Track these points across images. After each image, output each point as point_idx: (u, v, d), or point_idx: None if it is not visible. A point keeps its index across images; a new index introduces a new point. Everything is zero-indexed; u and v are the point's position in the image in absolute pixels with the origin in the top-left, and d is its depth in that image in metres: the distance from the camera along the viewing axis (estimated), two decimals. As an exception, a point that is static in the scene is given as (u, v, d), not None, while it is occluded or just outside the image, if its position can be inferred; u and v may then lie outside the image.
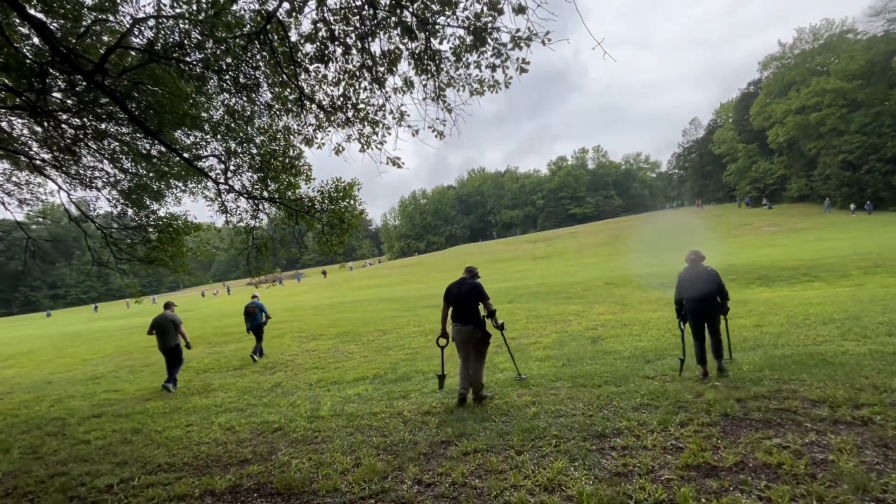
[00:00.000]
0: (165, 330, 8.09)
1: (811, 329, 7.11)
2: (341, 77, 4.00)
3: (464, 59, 3.44)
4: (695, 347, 5.28)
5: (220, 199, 6.21)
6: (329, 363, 8.97)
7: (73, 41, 4.47)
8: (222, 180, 5.90)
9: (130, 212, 6.84)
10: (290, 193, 6.01)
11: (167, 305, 8.35)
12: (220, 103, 5.26)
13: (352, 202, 6.06)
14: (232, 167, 5.91)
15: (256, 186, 6.09)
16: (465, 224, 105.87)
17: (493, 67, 3.39)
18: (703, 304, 5.26)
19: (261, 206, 6.27)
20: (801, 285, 14.03)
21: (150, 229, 6.82)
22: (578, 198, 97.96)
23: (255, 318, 10.59)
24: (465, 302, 5.17)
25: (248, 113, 5.24)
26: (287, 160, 5.66)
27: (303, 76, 4.27)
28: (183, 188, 6.73)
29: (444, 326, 5.43)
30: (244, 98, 4.92)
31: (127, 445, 5.03)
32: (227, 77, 4.73)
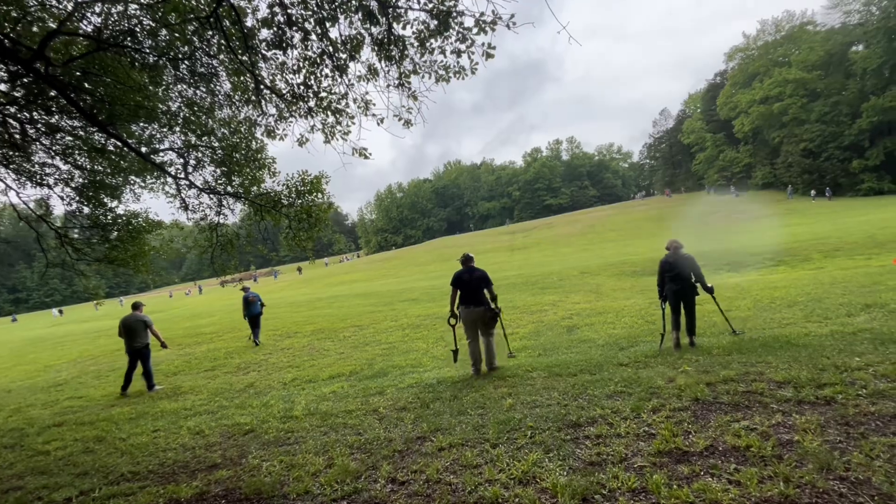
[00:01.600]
0: (133, 330, 7.80)
1: (776, 312, 7.34)
2: (301, 64, 3.83)
3: (428, 45, 3.33)
4: (672, 319, 6.10)
5: (180, 196, 5.93)
6: (304, 361, 8.80)
7: (10, 27, 4.16)
8: (182, 175, 5.63)
9: (86, 210, 6.47)
10: (254, 189, 5.79)
11: (135, 306, 8.05)
12: (177, 94, 5.00)
13: (320, 196, 5.88)
14: (192, 161, 5.65)
15: (220, 182, 5.84)
16: (443, 217, 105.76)
17: (458, 53, 3.30)
18: (680, 286, 6.09)
19: (224, 202, 6.03)
20: (767, 270, 14.52)
21: (108, 228, 6.48)
22: (554, 189, 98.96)
23: (253, 307, 11.27)
24: (475, 287, 5.98)
25: (207, 104, 4.99)
26: (249, 153, 5.44)
27: (261, 64, 4.08)
28: (142, 184, 6.41)
29: (452, 308, 6.13)
30: (202, 88, 4.68)
31: (89, 455, 4.80)
32: (183, 66, 4.49)
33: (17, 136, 6.39)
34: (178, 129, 5.34)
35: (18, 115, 6.24)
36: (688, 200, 59.84)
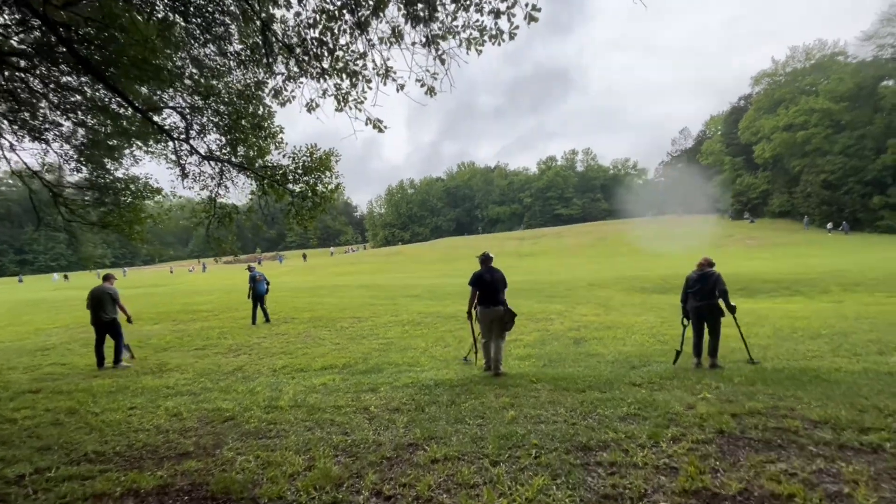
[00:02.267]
0: (101, 302, 7.48)
1: (800, 343, 6.90)
2: (318, 17, 3.48)
3: (462, 1, 2.96)
4: (693, 340, 5.97)
5: (180, 163, 5.60)
6: (297, 349, 8.47)
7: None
8: (184, 138, 5.30)
9: (85, 170, 6.19)
10: (259, 161, 5.45)
11: (106, 278, 7.71)
12: (185, 52, 4.68)
13: (328, 174, 5.54)
14: (196, 126, 5.34)
15: (224, 152, 5.52)
16: (452, 217, 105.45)
17: (497, 14, 2.92)
18: (702, 303, 5.86)
19: (226, 173, 5.71)
20: (783, 298, 14.01)
21: (105, 190, 6.18)
22: (566, 199, 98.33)
23: (259, 286, 11.52)
24: (496, 288, 5.97)
25: (216, 64, 4.67)
26: (256, 119, 5.10)
27: (275, 12, 3.72)
28: (143, 147, 6.10)
29: (470, 308, 6.09)
30: (212, 47, 4.36)
31: (56, 428, 4.48)
32: (195, 22, 4.17)
33: (22, 91, 6.12)
34: (183, 90, 5.02)
35: (25, 67, 5.97)
36: (701, 222, 59.05)
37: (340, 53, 3.67)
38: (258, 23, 3.59)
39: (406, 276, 27.35)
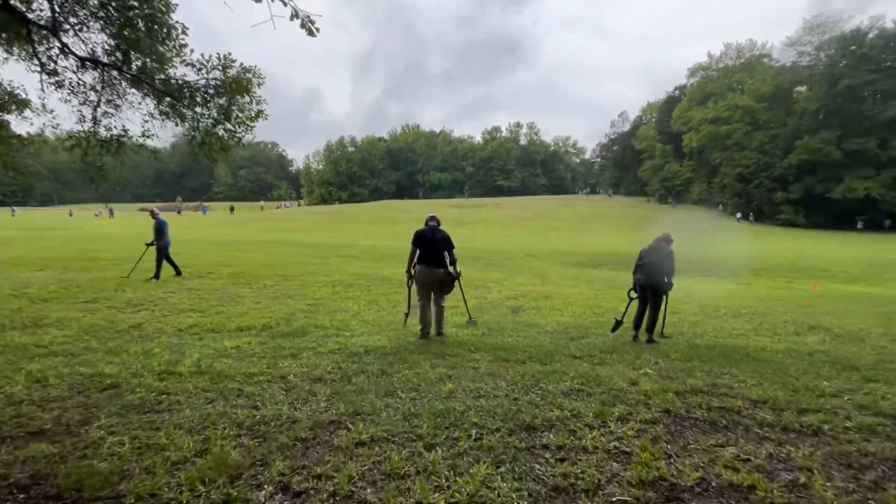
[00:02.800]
0: None
1: (724, 321, 7.18)
2: None
3: None
4: (636, 314, 5.93)
5: (44, 68, 4.34)
6: (211, 306, 7.53)
7: None
8: (51, 33, 4.09)
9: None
10: (159, 75, 4.36)
11: None
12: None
13: (246, 98, 4.61)
14: (72, 19, 4.13)
15: (115, 58, 4.35)
16: (393, 180, 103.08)
17: None
18: (646, 278, 5.87)
19: (115, 86, 4.56)
20: (701, 278, 14.94)
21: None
22: (507, 171, 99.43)
23: (165, 235, 10.11)
24: (437, 248, 5.77)
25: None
26: (150, 11, 4.00)
27: None
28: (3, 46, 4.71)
29: (409, 267, 5.87)
30: None
31: None
32: None
33: None
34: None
35: None
36: (629, 204, 62.50)
37: None
38: None
39: (342, 237, 26.22)
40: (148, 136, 5.21)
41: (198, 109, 4.54)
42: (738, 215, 50.26)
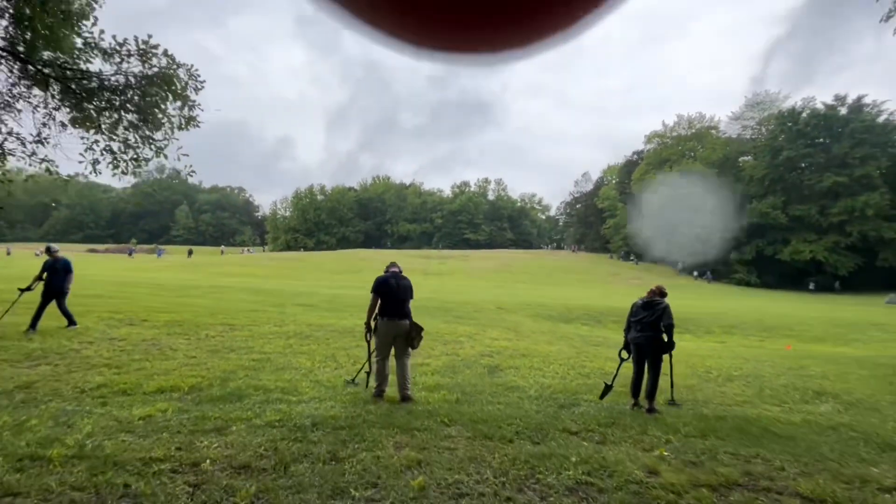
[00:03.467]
0: None
1: (721, 385, 6.57)
2: None
3: None
4: (633, 377, 5.28)
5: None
6: (132, 361, 6.29)
7: None
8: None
9: None
10: (54, 54, 3.48)
11: None
12: None
13: (174, 100, 3.81)
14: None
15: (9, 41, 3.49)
16: (361, 229, 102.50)
17: None
18: (644, 336, 5.23)
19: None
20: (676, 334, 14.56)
21: None
22: (475, 224, 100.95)
23: (56, 277, 8.10)
24: (402, 297, 5.22)
25: None
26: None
27: None
28: None
29: (369, 319, 5.31)
30: None
31: None
32: None
33: None
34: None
35: None
36: (593, 259, 63.93)
37: None
38: None
39: (303, 284, 24.82)
40: (42, 142, 4.26)
41: (114, 115, 3.71)
42: (695, 273, 52.06)
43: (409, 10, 0.30)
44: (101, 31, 3.57)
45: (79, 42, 3.58)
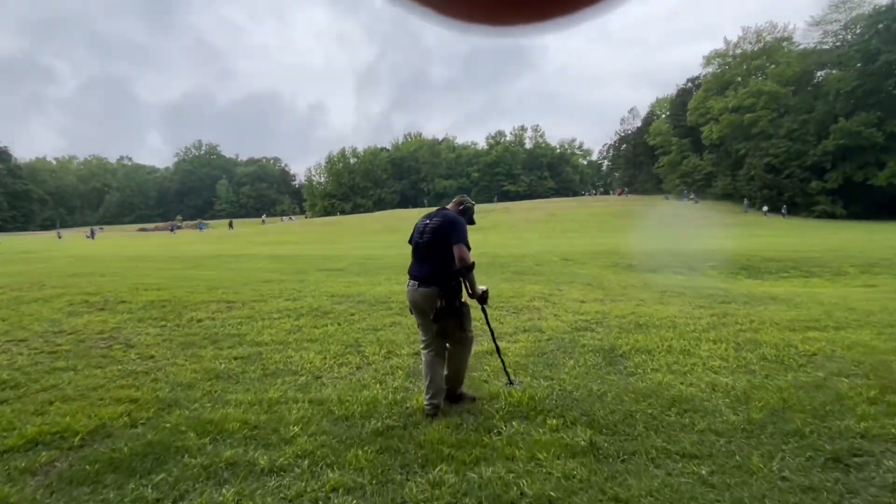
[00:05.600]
0: None
1: None
2: None
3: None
4: None
5: None
6: (48, 372, 4.11)
7: None
8: None
9: None
10: None
11: None
12: None
13: None
14: None
15: None
16: (396, 189, 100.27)
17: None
18: None
19: None
20: (799, 280, 11.35)
21: None
22: (513, 175, 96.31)
23: None
24: (428, 244, 3.10)
25: None
26: None
27: None
28: None
29: None
30: None
31: None
32: None
33: None
34: None
35: None
36: (646, 202, 58.61)
37: None
38: None
39: (336, 248, 22.86)
40: None
41: None
42: (765, 209, 46.05)
43: None
44: None
45: None
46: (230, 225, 62.45)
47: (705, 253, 15.01)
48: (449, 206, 3.47)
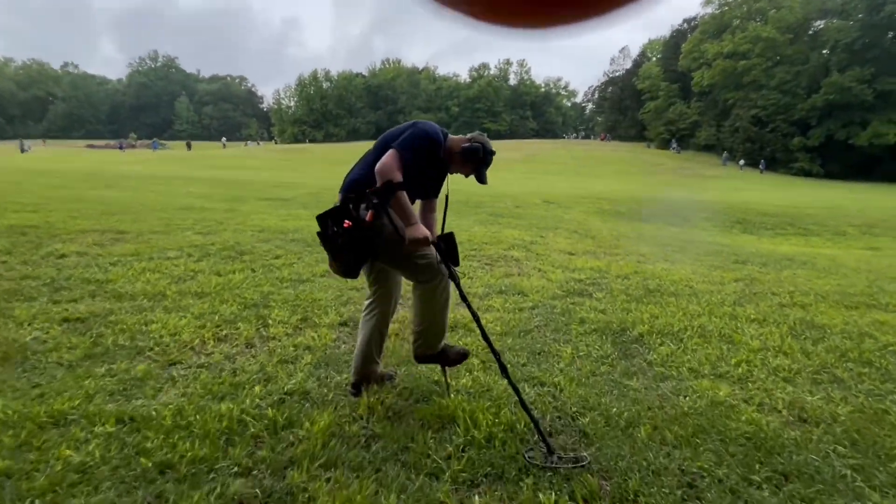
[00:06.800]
0: None
1: None
2: None
3: None
4: None
5: None
6: None
7: None
8: None
9: None
10: None
11: None
12: None
13: None
14: None
15: None
16: (372, 120, 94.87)
17: None
18: None
19: None
20: (797, 238, 10.41)
21: None
22: (495, 113, 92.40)
23: None
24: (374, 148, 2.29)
25: None
26: None
27: None
28: None
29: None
30: None
31: None
32: None
33: None
34: None
35: None
36: (628, 149, 57.03)
37: None
38: None
39: (295, 175, 20.74)
40: None
41: None
42: (742, 163, 45.24)
43: None
44: None
45: None
46: (188, 146, 57.87)
47: (695, 203, 13.92)
48: (454, 137, 2.32)
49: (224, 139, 68.87)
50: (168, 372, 2.34)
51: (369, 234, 1.87)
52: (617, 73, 77.90)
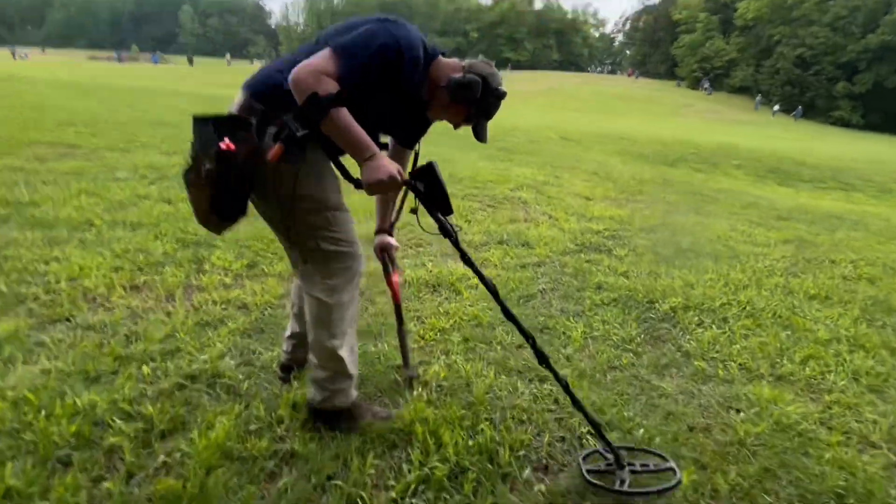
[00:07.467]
0: None
1: None
2: None
3: None
4: None
5: None
6: None
7: None
8: None
9: None
10: None
11: None
12: None
13: None
14: None
15: None
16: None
17: None
18: None
19: None
20: (840, 193, 9.44)
21: None
22: (516, 40, 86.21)
23: None
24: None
25: None
26: None
27: None
28: None
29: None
30: None
31: None
32: None
33: None
34: None
35: None
36: (657, 87, 53.27)
37: None
38: None
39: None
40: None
41: None
42: (776, 108, 41.95)
43: None
44: None
45: None
46: (189, 61, 55.08)
47: (724, 149, 12.72)
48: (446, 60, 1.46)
49: (228, 56, 65.19)
50: (42, 334, 1.75)
51: (250, 171, 1.15)
52: (652, 1, 71.15)
